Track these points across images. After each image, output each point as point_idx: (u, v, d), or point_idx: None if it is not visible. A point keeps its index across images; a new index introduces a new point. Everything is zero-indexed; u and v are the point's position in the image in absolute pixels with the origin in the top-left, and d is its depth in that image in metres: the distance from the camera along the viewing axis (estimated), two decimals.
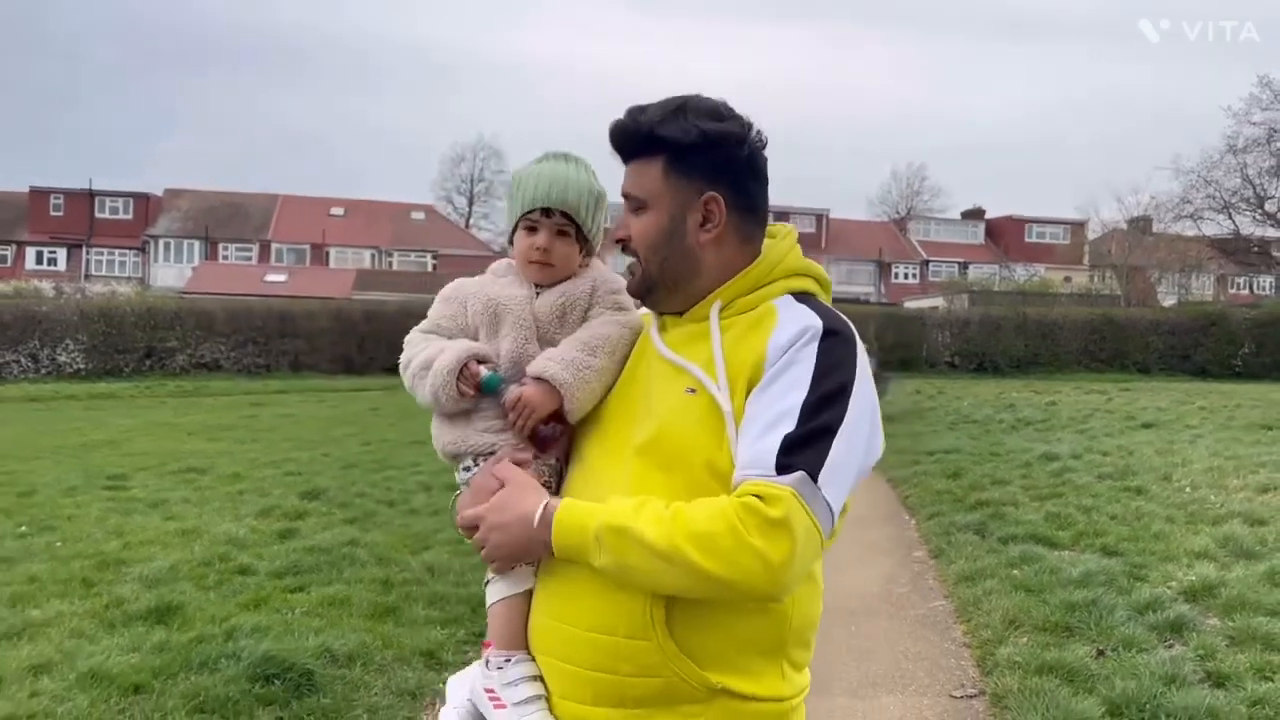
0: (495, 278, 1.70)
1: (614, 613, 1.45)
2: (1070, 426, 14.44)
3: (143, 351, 29.57)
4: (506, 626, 1.56)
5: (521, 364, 1.60)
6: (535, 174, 1.65)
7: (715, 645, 1.46)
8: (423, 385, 1.59)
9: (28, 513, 7.57)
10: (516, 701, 1.50)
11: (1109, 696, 3.76)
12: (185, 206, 53.20)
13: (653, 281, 1.59)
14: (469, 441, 1.61)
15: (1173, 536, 6.53)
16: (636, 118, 1.56)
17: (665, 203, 1.56)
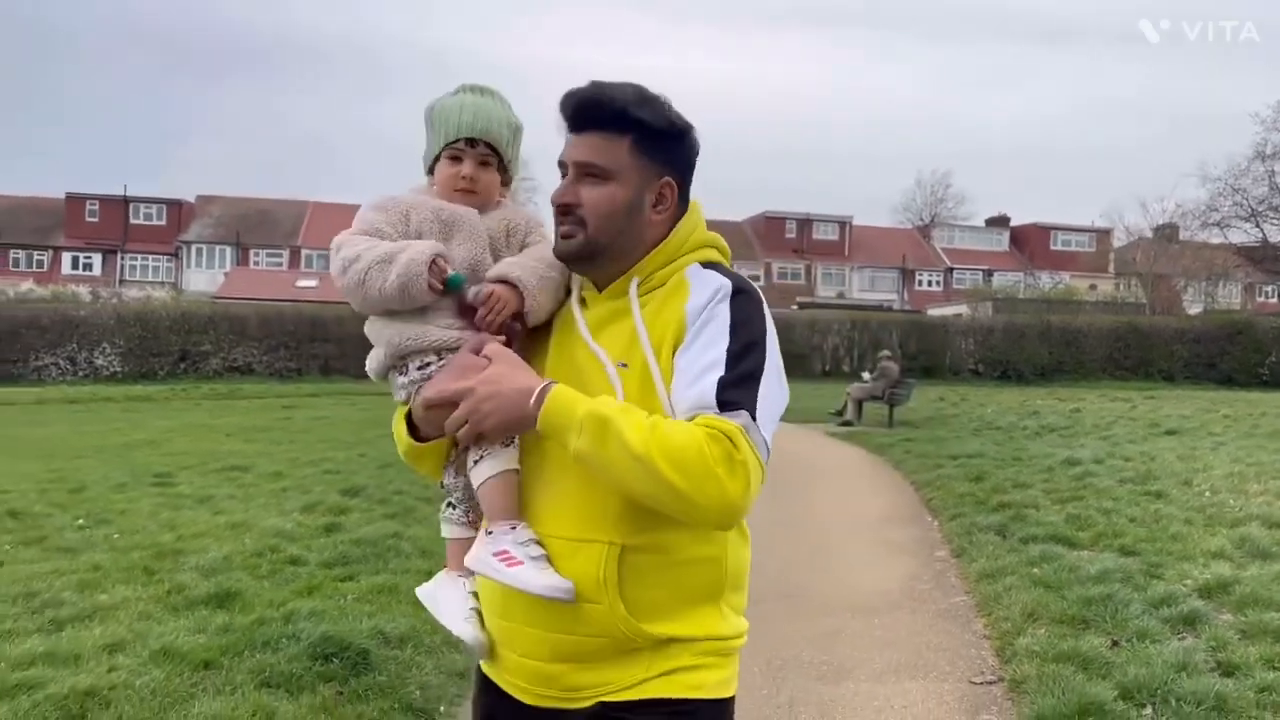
0: (420, 194, 1.76)
1: (570, 577, 1.55)
2: (1093, 433, 14.55)
3: (177, 355, 30.20)
4: (503, 499, 1.62)
5: (478, 270, 1.69)
6: (458, 105, 1.72)
7: (662, 599, 1.58)
8: (379, 278, 1.61)
9: (82, 507, 7.90)
10: (534, 557, 1.55)
11: (1121, 682, 3.97)
12: (217, 212, 53.99)
13: (598, 250, 1.66)
14: (430, 336, 1.66)
15: (1190, 538, 6.70)
16: (608, 93, 1.63)
17: (630, 178, 1.65)
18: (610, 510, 1.57)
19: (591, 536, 1.57)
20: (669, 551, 1.58)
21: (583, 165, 1.64)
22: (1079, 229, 58.31)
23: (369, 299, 1.65)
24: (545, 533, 1.60)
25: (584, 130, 1.65)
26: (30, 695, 3.70)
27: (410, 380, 1.69)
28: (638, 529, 1.56)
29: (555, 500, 1.61)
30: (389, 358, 1.70)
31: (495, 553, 1.56)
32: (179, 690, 3.82)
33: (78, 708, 3.59)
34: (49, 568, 5.80)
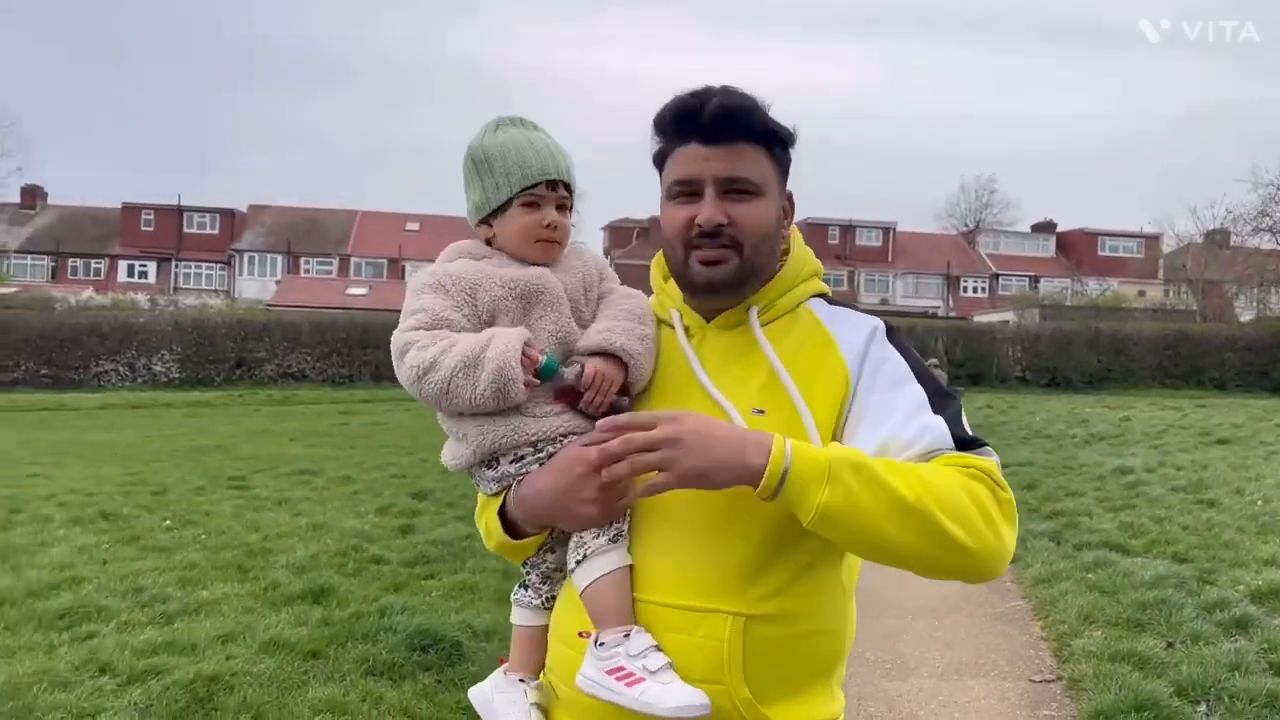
0: (482, 261, 1.53)
1: (689, 655, 1.36)
2: (1144, 442, 14.58)
3: (233, 361, 30.93)
4: (616, 602, 1.40)
5: (567, 344, 1.49)
6: (524, 144, 1.53)
7: (783, 676, 1.41)
8: (468, 383, 1.39)
9: (167, 509, 8.31)
10: (655, 670, 1.33)
11: (1177, 680, 4.16)
12: (268, 222, 55.10)
13: (752, 274, 1.50)
14: (529, 429, 1.45)
15: (1242, 545, 6.83)
16: (752, 104, 1.48)
17: (774, 193, 1.50)
18: (739, 574, 1.39)
19: (716, 606, 1.37)
20: (797, 622, 1.41)
21: (733, 180, 1.46)
22: (1127, 234, 57.71)
23: (456, 408, 1.44)
24: (661, 600, 1.39)
25: (723, 142, 1.45)
26: (159, 680, 4.04)
27: (502, 475, 1.49)
28: (770, 594, 1.39)
29: (674, 564, 1.41)
30: (476, 454, 1.47)
31: (610, 670, 1.34)
32: (292, 678, 4.14)
33: (205, 691, 3.93)
34: (149, 565, 6.18)
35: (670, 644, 1.36)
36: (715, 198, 1.45)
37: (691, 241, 1.47)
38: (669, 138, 1.50)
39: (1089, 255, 57.26)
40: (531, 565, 1.56)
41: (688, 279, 1.50)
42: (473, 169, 1.55)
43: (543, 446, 1.46)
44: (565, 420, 1.47)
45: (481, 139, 1.55)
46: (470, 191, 1.57)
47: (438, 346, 1.41)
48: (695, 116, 1.45)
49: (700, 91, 1.47)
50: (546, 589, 1.55)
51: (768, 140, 1.48)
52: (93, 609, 5.14)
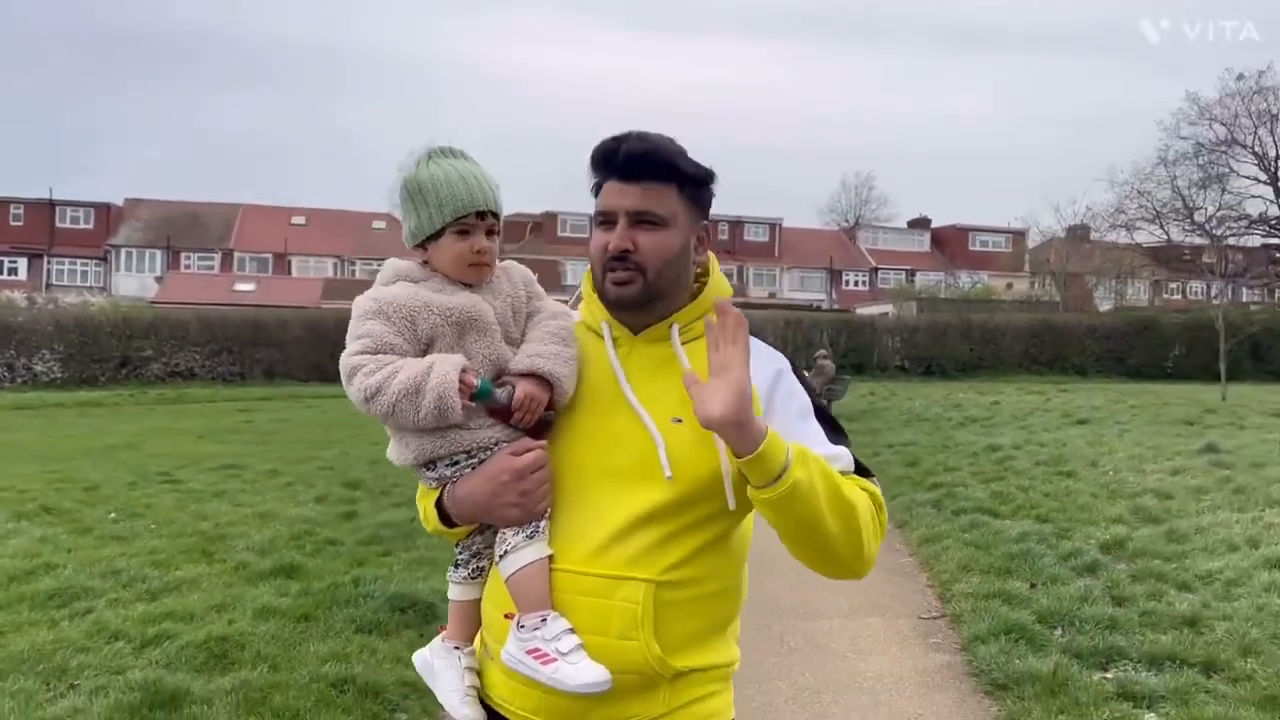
0: (420, 286, 1.68)
1: (608, 615, 1.58)
2: (1012, 423, 15.92)
3: (118, 360, 30.11)
4: (536, 590, 1.60)
5: (498, 365, 1.66)
6: (453, 176, 1.68)
7: (689, 632, 1.63)
8: (411, 407, 1.57)
9: (107, 503, 8.58)
10: (566, 652, 1.55)
11: (1038, 610, 5.07)
12: (145, 216, 53.46)
13: (656, 295, 1.69)
14: (464, 440, 1.64)
15: (1094, 508, 7.91)
16: (656, 144, 1.69)
17: (682, 224, 1.70)
18: (651, 547, 1.60)
19: (630, 574, 1.59)
20: (700, 585, 1.64)
21: (640, 213, 1.67)
22: (995, 230, 60.74)
23: (401, 427, 1.64)
24: (585, 570, 1.60)
25: (636, 180, 1.67)
26: (172, 642, 4.55)
27: (439, 475, 1.69)
28: (675, 564, 1.61)
29: (593, 538, 1.62)
30: (416, 459, 1.68)
31: (529, 650, 1.57)
32: (291, 637, 4.69)
33: (218, 649, 4.45)
34: (114, 551, 6.56)
35: (592, 607, 1.58)
36: (625, 227, 1.67)
37: (607, 264, 1.69)
38: (598, 174, 1.73)
39: (961, 250, 60.09)
40: (464, 546, 1.76)
41: (603, 295, 1.73)
42: (407, 198, 1.70)
43: (475, 453, 1.65)
44: (496, 431, 1.65)
45: (416, 170, 1.70)
46: (406, 219, 1.72)
47: (383, 373, 1.58)
48: (613, 157, 1.69)
49: (620, 136, 1.70)
50: (475, 564, 1.75)
51: (678, 179, 1.69)
52: (79, 589, 5.55)
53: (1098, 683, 4.15)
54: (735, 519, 1.68)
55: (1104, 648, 4.51)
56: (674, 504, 1.61)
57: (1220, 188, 40.11)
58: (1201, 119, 39.11)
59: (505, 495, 1.61)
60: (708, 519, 1.63)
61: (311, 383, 29.52)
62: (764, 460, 1.48)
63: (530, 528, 1.62)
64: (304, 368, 30.98)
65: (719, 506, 1.63)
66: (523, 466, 1.61)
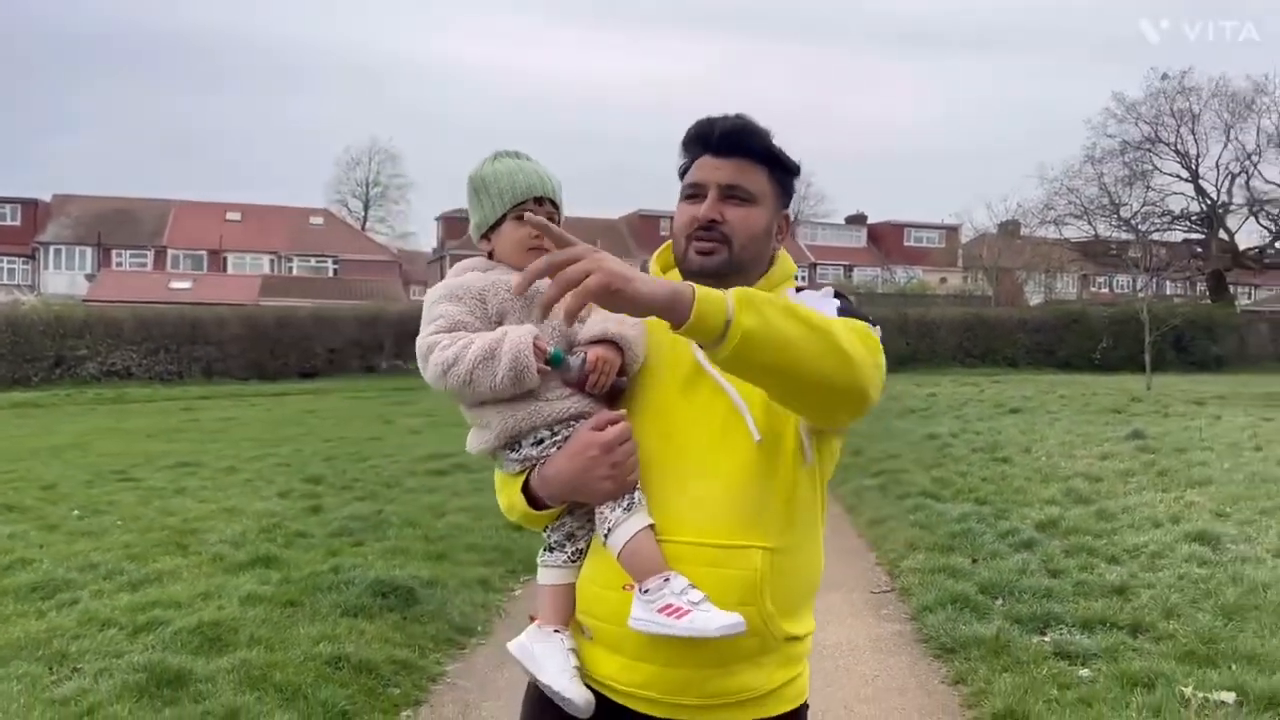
0: (488, 273, 1.75)
1: (725, 584, 1.60)
2: (949, 413, 16.50)
3: (52, 360, 29.48)
4: (648, 557, 1.61)
5: (569, 337, 1.69)
6: (514, 169, 1.75)
7: (792, 598, 1.67)
8: (488, 373, 1.61)
9: (68, 501, 8.63)
10: (697, 601, 1.55)
11: (979, 582, 5.47)
12: (76, 213, 52.22)
13: (738, 268, 1.73)
14: (544, 413, 1.66)
15: (1029, 490, 8.38)
16: (755, 125, 1.75)
17: (770, 205, 1.77)
18: (764, 513, 1.63)
19: (746, 542, 1.61)
20: (800, 552, 1.68)
21: (732, 187, 1.73)
22: (930, 226, 62.03)
23: (479, 396, 1.66)
24: (697, 540, 1.62)
25: (730, 155, 1.73)
26: (164, 628, 4.72)
27: (524, 457, 1.71)
28: (784, 530, 1.65)
29: (704, 507, 1.63)
30: (499, 438, 1.69)
31: (660, 608, 1.56)
32: (281, 620, 4.90)
33: (211, 633, 4.64)
34: (86, 546, 6.67)
35: (706, 576, 1.59)
36: (715, 199, 1.73)
37: (692, 234, 1.74)
38: (689, 151, 1.79)
39: (897, 245, 61.26)
40: (553, 529, 1.77)
41: (684, 265, 1.76)
42: (473, 193, 1.78)
43: (558, 430, 1.67)
44: (575, 402, 1.67)
45: (480, 168, 1.78)
46: (472, 214, 1.80)
47: (457, 345, 1.63)
48: (709, 134, 1.75)
49: (717, 117, 1.76)
50: (570, 546, 1.76)
51: (769, 162, 1.76)
52: (59, 582, 5.68)
53: (1036, 644, 4.53)
54: (818, 480, 1.72)
55: (1041, 614, 4.90)
56: (766, 467, 1.64)
57: (1145, 185, 41.49)
58: (1127, 118, 40.43)
59: (596, 469, 1.61)
60: (796, 481, 1.67)
61: (251, 381, 29.32)
62: (703, 319, 1.41)
63: (626, 499, 1.64)
64: (243, 366, 30.73)
65: (802, 464, 1.67)
66: (610, 439, 1.62)
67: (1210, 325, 36.18)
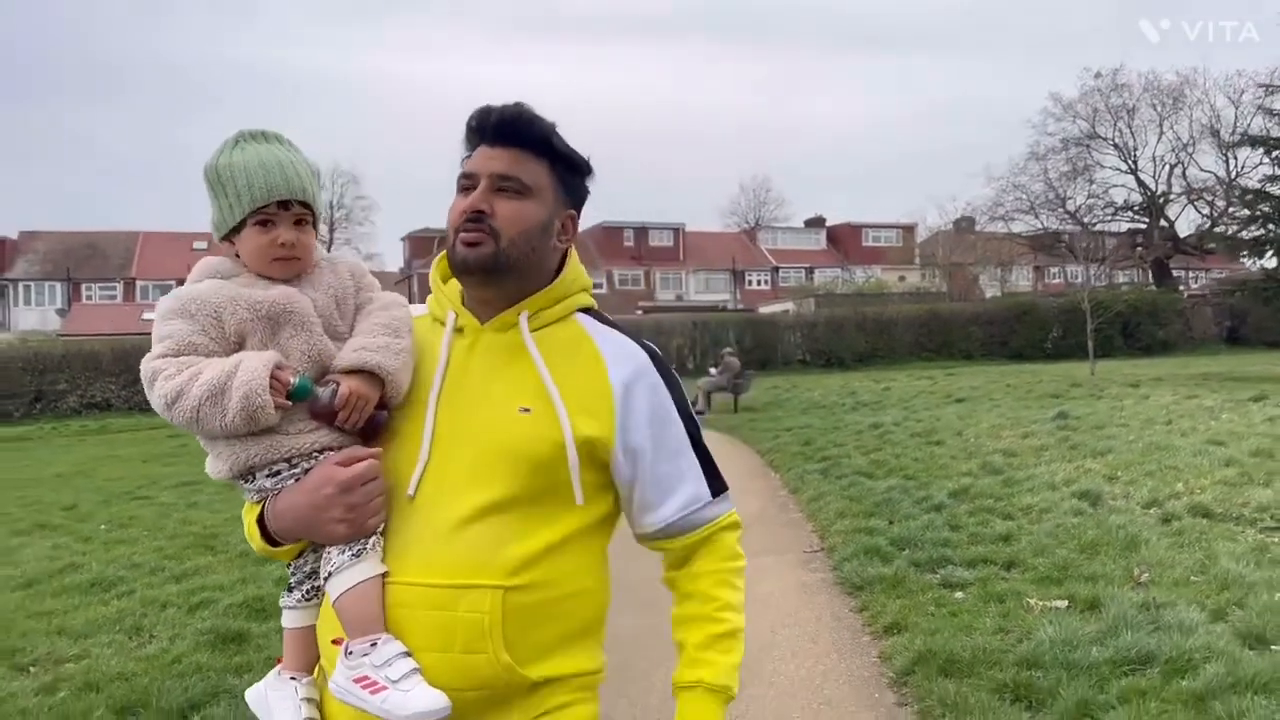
0: (227, 281, 1.55)
1: (450, 629, 1.46)
2: (898, 405, 17.67)
3: (31, 395, 30.10)
4: (364, 611, 1.47)
5: (321, 362, 1.53)
6: (254, 162, 1.54)
7: (545, 641, 1.52)
8: (217, 410, 1.43)
9: (93, 519, 9.55)
10: (397, 679, 1.42)
11: (892, 538, 6.56)
12: (42, 249, 52.65)
13: (507, 264, 1.59)
14: (284, 446, 1.49)
15: (951, 466, 9.52)
16: (533, 114, 1.62)
17: (548, 200, 1.62)
18: (498, 552, 1.49)
19: (475, 581, 1.47)
20: (552, 588, 1.53)
21: (503, 177, 1.60)
22: (886, 225, 63.62)
23: (210, 434, 1.49)
24: (426, 581, 1.48)
25: (505, 145, 1.61)
26: (216, 605, 5.71)
27: (259, 488, 1.54)
28: (523, 566, 1.50)
29: (437, 545, 1.49)
30: (232, 470, 1.52)
31: (357, 678, 1.43)
32: None
33: (257, 605, 5.64)
34: (124, 552, 7.62)
35: (435, 621, 1.46)
36: (486, 190, 1.59)
37: (460, 225, 1.59)
38: (469, 142, 1.66)
39: (855, 246, 62.77)
40: (296, 567, 1.61)
41: (452, 259, 1.63)
42: (209, 189, 1.56)
43: (298, 462, 1.51)
44: (322, 436, 1.51)
45: (216, 158, 1.56)
46: (211, 209, 1.58)
47: (184, 375, 1.44)
48: (485, 122, 1.62)
49: (495, 105, 1.63)
50: (309, 585, 1.60)
51: (550, 155, 1.63)
52: (112, 579, 6.64)
53: (928, 580, 5.62)
54: (588, 516, 1.59)
55: (936, 558, 5.99)
56: (517, 499, 1.51)
57: (1088, 179, 43.15)
58: (1065, 116, 42.05)
59: (330, 510, 1.47)
60: (556, 515, 1.54)
61: None
62: None
63: (358, 544, 1.49)
64: None
65: (568, 502, 1.55)
66: (350, 478, 1.48)
67: (1154, 310, 37.65)
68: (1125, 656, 4.02)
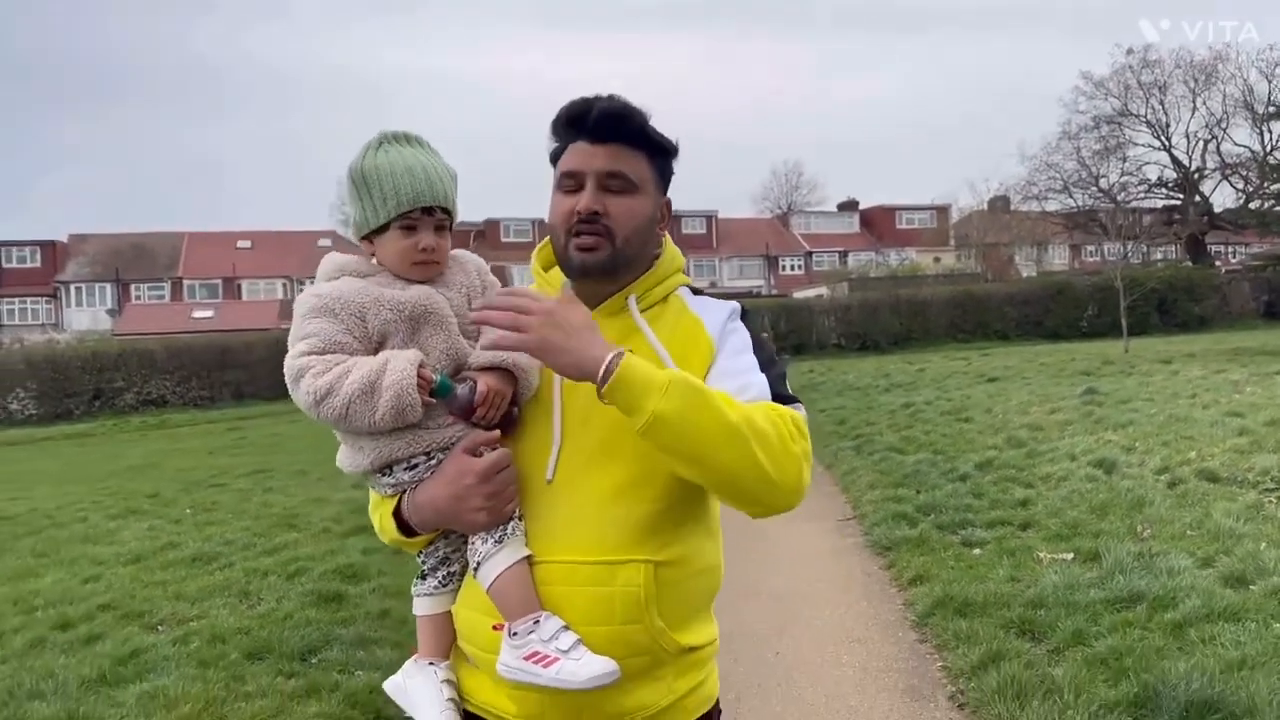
0: (366, 280, 1.59)
1: (608, 603, 1.52)
2: (931, 385, 18.13)
3: (91, 393, 31.20)
4: (520, 594, 1.51)
5: (457, 360, 1.58)
6: (399, 167, 1.57)
7: (686, 610, 1.60)
8: (367, 408, 1.48)
9: (176, 504, 10.32)
10: (567, 649, 1.47)
11: (918, 505, 7.14)
12: (92, 250, 54.16)
13: (623, 262, 1.64)
14: (424, 440, 1.55)
15: (978, 440, 10.05)
16: (633, 110, 1.64)
17: (652, 192, 1.67)
18: (644, 528, 1.55)
19: (629, 557, 1.53)
20: (691, 563, 1.60)
21: (612, 175, 1.62)
22: (920, 207, 63.63)
23: (356, 431, 1.54)
24: (578, 558, 1.53)
25: (607, 141, 1.62)
26: (311, 573, 6.40)
27: (396, 482, 1.59)
28: (668, 543, 1.57)
29: (584, 524, 1.55)
30: (373, 464, 1.57)
31: (527, 655, 1.47)
32: (398, 565, 6.53)
33: (348, 572, 6.33)
34: (216, 531, 8.36)
35: (593, 595, 1.52)
36: (594, 189, 1.61)
37: (572, 228, 1.61)
38: (561, 137, 1.67)
39: (889, 229, 62.86)
40: (427, 554, 1.66)
41: (567, 263, 1.65)
42: (352, 189, 1.60)
43: (435, 455, 1.56)
44: (458, 430, 1.56)
45: (362, 159, 1.59)
46: (352, 209, 1.62)
47: (333, 373, 1.48)
48: (584, 118, 1.62)
49: (591, 98, 1.63)
50: (443, 571, 1.65)
51: (648, 146, 1.65)
52: (210, 554, 7.36)
53: (949, 539, 6.19)
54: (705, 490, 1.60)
55: (958, 521, 6.56)
56: (651, 475, 1.55)
57: (1120, 156, 43.02)
58: (1097, 94, 41.97)
59: (470, 500, 1.53)
60: (683, 492, 1.57)
61: (278, 400, 30.97)
62: (617, 390, 1.44)
63: (499, 531, 1.54)
64: (270, 387, 32.19)
65: None
66: (486, 467, 1.53)
67: (1190, 287, 37.59)
68: (1118, 596, 4.58)
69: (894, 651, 4.53)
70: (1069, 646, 4.13)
